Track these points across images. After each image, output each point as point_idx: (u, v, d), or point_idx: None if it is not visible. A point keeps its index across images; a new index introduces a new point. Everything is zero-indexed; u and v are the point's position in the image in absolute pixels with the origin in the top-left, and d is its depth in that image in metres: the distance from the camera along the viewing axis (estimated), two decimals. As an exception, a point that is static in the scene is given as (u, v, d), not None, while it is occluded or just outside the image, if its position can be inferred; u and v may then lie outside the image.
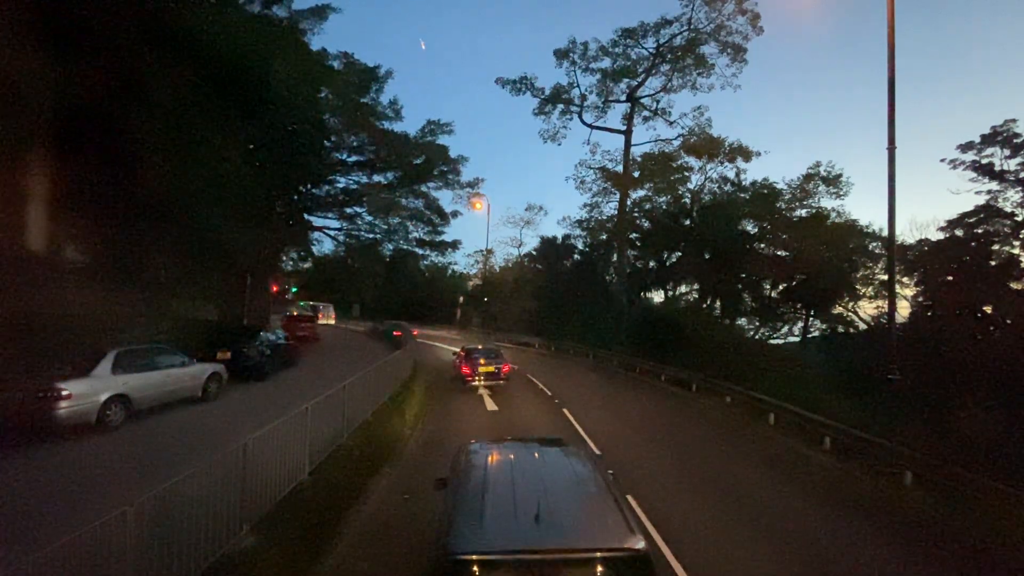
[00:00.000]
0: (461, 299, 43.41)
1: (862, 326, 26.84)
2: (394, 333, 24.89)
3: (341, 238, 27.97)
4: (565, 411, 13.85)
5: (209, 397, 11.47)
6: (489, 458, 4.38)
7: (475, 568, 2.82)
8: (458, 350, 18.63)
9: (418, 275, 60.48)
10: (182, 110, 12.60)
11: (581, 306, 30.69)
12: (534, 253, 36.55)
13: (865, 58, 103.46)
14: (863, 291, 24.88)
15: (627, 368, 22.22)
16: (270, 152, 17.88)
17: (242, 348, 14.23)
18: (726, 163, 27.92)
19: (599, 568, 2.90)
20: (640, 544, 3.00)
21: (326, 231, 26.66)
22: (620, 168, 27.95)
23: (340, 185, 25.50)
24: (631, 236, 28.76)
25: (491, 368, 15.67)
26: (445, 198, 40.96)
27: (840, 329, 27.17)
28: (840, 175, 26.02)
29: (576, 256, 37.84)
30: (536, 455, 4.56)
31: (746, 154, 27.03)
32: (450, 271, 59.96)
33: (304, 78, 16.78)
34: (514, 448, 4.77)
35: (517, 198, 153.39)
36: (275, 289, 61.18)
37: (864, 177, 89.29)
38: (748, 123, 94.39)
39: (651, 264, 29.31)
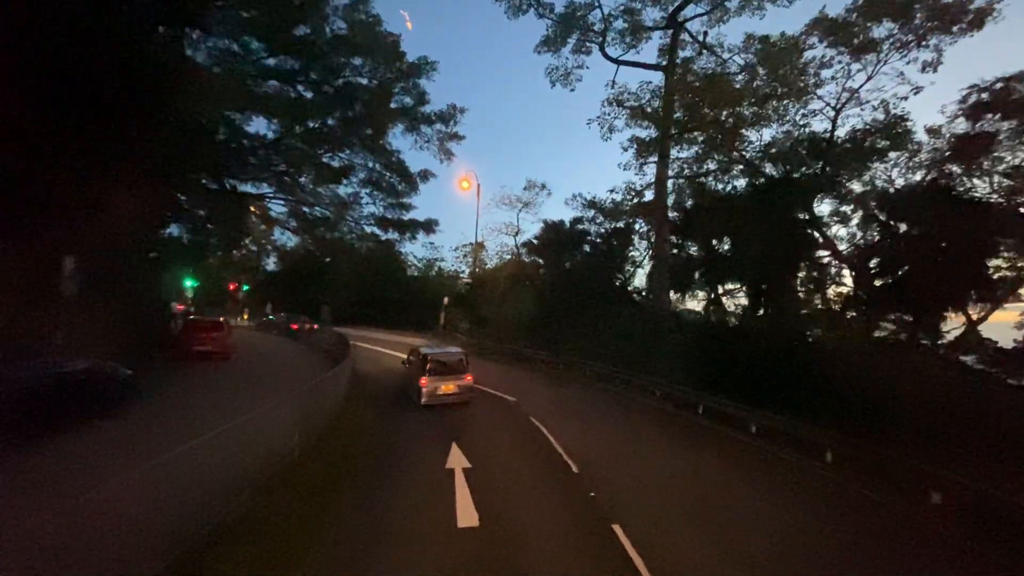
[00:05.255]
0: (445, 300, 35.71)
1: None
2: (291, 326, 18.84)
3: (276, 214, 20.39)
4: (619, 532, 6.39)
5: None
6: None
7: (429, 357, 13.05)
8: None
9: (398, 273, 52.96)
10: None
11: (597, 311, 23.21)
12: (535, 242, 29.02)
13: None
14: None
15: (678, 405, 14.70)
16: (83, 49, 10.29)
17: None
18: (921, 45, 16.83)
19: (456, 360, 13.32)
20: (463, 351, 14.00)
21: (248, 195, 18.95)
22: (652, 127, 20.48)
23: (265, 135, 17.87)
24: (672, 216, 21.00)
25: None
26: (414, 162, 32.31)
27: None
28: None
29: (586, 248, 30.33)
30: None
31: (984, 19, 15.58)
32: (436, 268, 52.35)
33: None
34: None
35: (514, 178, 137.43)
36: (232, 287, 53.41)
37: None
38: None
39: (693, 252, 21.60)
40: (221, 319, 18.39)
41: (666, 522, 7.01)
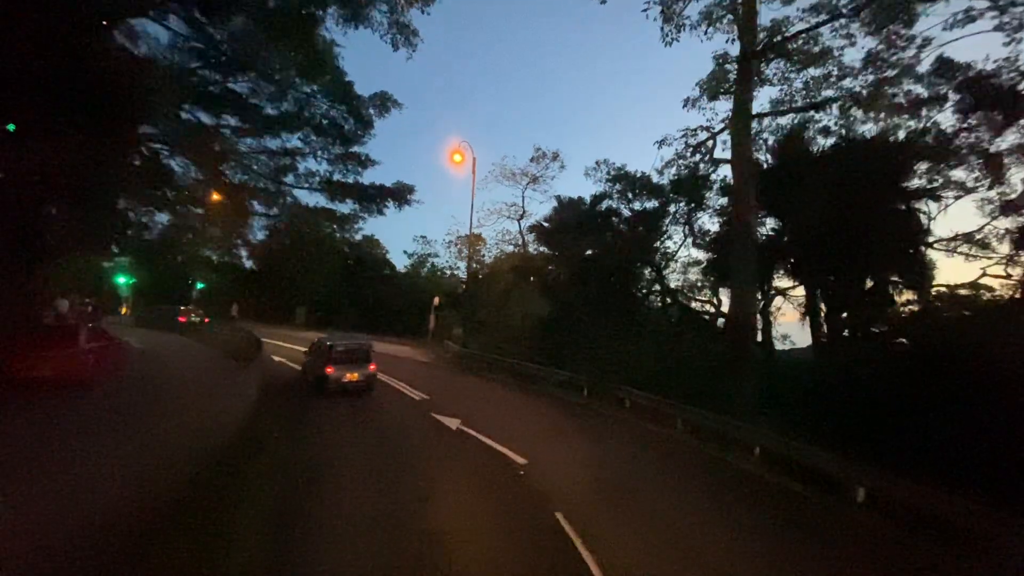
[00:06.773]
0: (436, 301, 29.59)
1: None
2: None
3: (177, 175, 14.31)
4: None
5: None
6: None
7: (333, 348, 13.27)
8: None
9: (384, 269, 46.96)
10: None
11: (632, 316, 17.21)
12: (545, 225, 22.89)
13: None
14: None
15: (812, 479, 8.62)
16: None
17: None
18: None
19: (360, 349, 13.82)
20: (368, 342, 14.63)
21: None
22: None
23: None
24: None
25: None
26: (360, 80, 20.25)
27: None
28: None
29: (609, 234, 24.17)
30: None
31: None
32: (429, 265, 46.19)
33: None
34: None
35: (519, 149, 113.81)
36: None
37: None
38: None
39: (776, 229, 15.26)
40: (79, 326, 11.85)
41: None
